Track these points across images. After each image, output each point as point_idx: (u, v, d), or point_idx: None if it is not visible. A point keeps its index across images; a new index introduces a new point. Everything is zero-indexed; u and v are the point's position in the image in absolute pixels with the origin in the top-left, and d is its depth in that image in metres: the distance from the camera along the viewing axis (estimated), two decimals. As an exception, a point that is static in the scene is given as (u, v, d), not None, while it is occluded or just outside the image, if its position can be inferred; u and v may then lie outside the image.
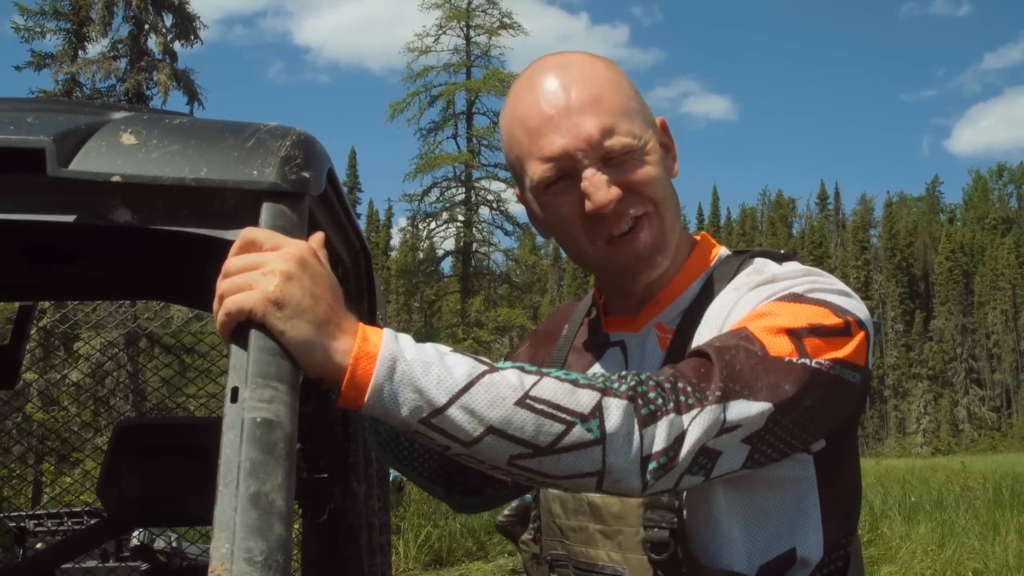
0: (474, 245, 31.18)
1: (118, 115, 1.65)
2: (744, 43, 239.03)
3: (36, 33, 21.33)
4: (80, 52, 21.55)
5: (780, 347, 1.55)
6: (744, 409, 1.49)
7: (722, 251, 1.90)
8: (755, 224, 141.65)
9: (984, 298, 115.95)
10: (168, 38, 21.93)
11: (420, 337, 2.04)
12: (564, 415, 1.40)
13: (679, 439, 1.44)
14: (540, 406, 1.40)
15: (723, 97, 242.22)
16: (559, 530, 1.88)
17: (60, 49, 21.41)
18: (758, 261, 1.81)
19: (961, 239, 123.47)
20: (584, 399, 1.42)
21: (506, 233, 32.01)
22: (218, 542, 1.17)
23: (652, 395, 1.45)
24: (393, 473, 2.97)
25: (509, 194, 31.48)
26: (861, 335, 1.63)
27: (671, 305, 1.83)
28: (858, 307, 1.67)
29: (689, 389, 1.47)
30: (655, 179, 1.73)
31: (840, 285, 1.69)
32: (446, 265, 34.24)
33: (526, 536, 2.04)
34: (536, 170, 1.72)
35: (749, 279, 1.74)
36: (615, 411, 1.42)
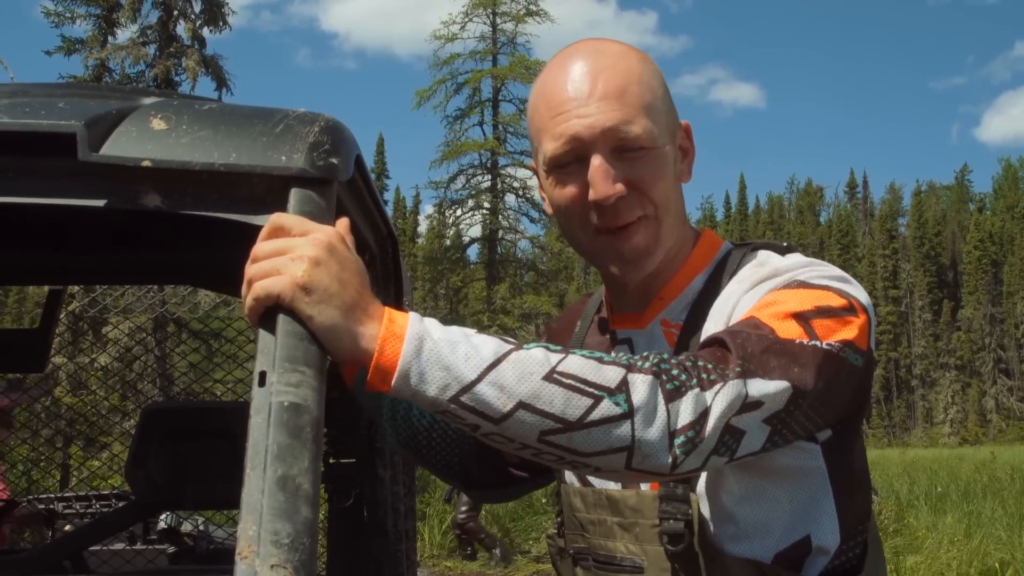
0: (500, 232, 31.12)
1: (148, 100, 1.66)
2: (772, 30, 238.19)
3: (66, 18, 21.39)
4: (110, 38, 21.61)
5: (789, 331, 1.57)
6: (762, 387, 1.50)
7: (725, 245, 1.90)
8: (783, 212, 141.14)
9: (1013, 287, 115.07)
10: (197, 24, 21.95)
11: (446, 323, 2.05)
12: (592, 389, 1.42)
13: (704, 414, 1.46)
14: (568, 380, 1.42)
15: (751, 85, 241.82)
16: (580, 524, 1.89)
17: (90, 35, 21.46)
18: (761, 253, 1.82)
19: (990, 228, 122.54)
20: (611, 374, 1.44)
21: (532, 220, 31.96)
22: (245, 524, 1.18)
23: (676, 372, 1.47)
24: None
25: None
26: (864, 317, 1.65)
27: (675, 300, 1.84)
28: (859, 292, 1.68)
29: (710, 367, 1.50)
30: (662, 181, 1.75)
31: (841, 272, 1.71)
32: (472, 252, 34.22)
33: (552, 531, 2.05)
34: (549, 147, 1.74)
35: (753, 272, 1.76)
36: (641, 385, 1.44)
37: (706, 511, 1.70)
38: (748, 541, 1.70)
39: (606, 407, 1.42)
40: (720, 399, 1.47)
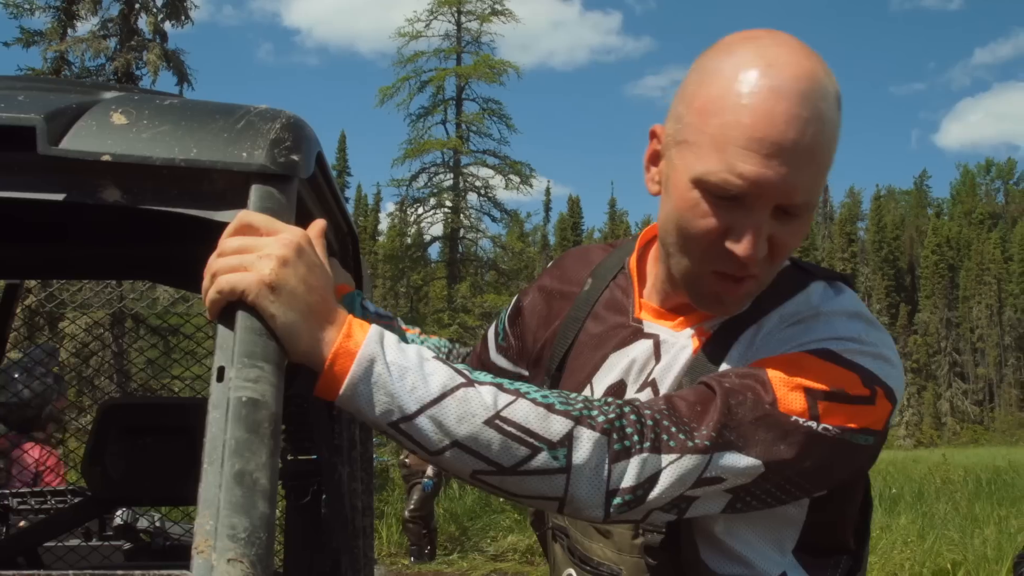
0: (461, 231, 31.04)
1: (109, 95, 1.65)
2: (733, 30, 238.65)
3: (25, 10, 21.21)
4: (69, 30, 21.45)
5: (792, 404, 1.48)
6: (732, 462, 1.46)
7: (784, 262, 1.71)
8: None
9: (969, 292, 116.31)
10: (159, 18, 21.82)
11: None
12: (532, 440, 1.40)
13: (652, 479, 1.44)
14: (509, 428, 1.40)
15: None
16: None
17: (49, 27, 21.29)
18: (814, 292, 1.67)
19: (948, 233, 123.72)
20: (556, 427, 1.42)
21: (494, 220, 31.86)
22: (202, 519, 1.18)
23: (629, 430, 1.44)
24: (378, 457, 2.98)
25: (497, 180, 31.32)
26: (885, 408, 1.54)
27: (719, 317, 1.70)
28: (891, 374, 1.56)
29: (674, 429, 1.45)
30: (795, 245, 1.59)
31: (882, 348, 1.57)
32: (433, 251, 34.08)
33: None
34: (716, 171, 1.51)
35: (793, 311, 1.63)
36: (586, 442, 1.42)
37: (688, 529, 1.65)
38: (732, 563, 1.67)
39: (543, 459, 1.41)
40: (674, 468, 1.44)
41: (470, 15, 31.52)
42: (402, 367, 1.40)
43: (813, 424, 1.48)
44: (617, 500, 1.43)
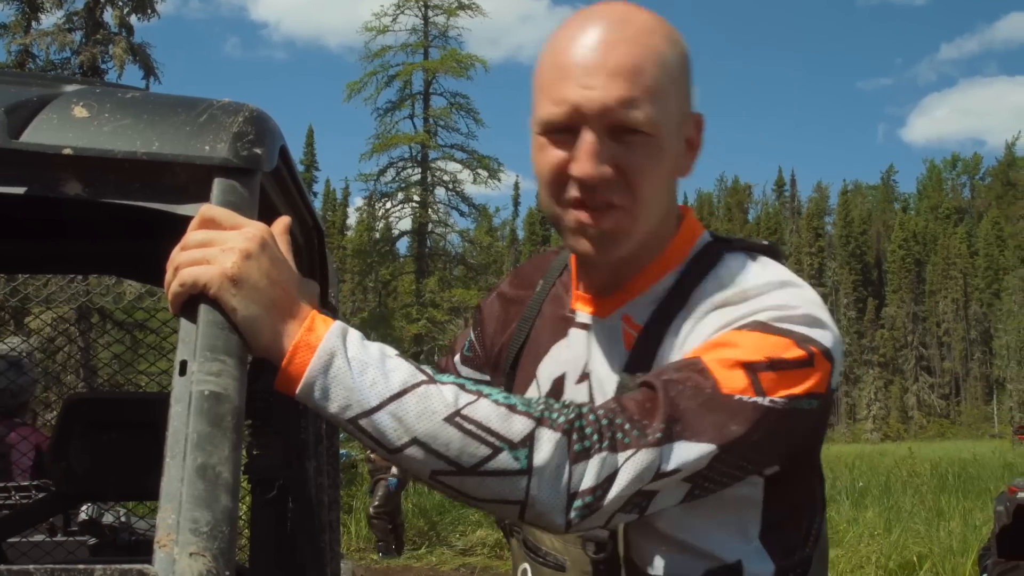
0: (430, 226, 31.06)
1: (70, 88, 1.64)
2: (702, 28, 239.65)
3: (-11, 3, 21.05)
4: (34, 23, 21.29)
5: (733, 383, 1.49)
6: (685, 452, 1.45)
7: (703, 237, 1.78)
8: (711, 210, 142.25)
9: (935, 287, 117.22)
10: (124, 11, 21.69)
11: (375, 317, 2.05)
12: (492, 439, 1.39)
13: (610, 478, 1.43)
14: (469, 426, 1.39)
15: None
16: None
17: (13, 20, 21.14)
18: (732, 260, 1.70)
19: (914, 228, 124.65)
20: (517, 426, 1.41)
21: (462, 214, 31.90)
22: (164, 513, 1.18)
23: (589, 431, 1.43)
24: (345, 451, 2.97)
25: (465, 175, 31.34)
26: (824, 367, 1.56)
27: (642, 295, 1.73)
28: (825, 335, 1.57)
29: (628, 427, 1.44)
30: (652, 173, 1.62)
31: (810, 308, 1.59)
32: (402, 245, 34.13)
33: None
34: (545, 109, 1.62)
35: (719, 290, 1.64)
36: (547, 443, 1.40)
37: (636, 525, 1.63)
38: (673, 559, 1.66)
39: (504, 460, 1.39)
40: (630, 466, 1.43)
41: (437, 9, 31.53)
42: (363, 362, 1.39)
43: (759, 399, 1.49)
44: (578, 503, 1.42)
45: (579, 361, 1.79)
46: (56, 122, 1.46)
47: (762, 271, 1.67)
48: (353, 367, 1.38)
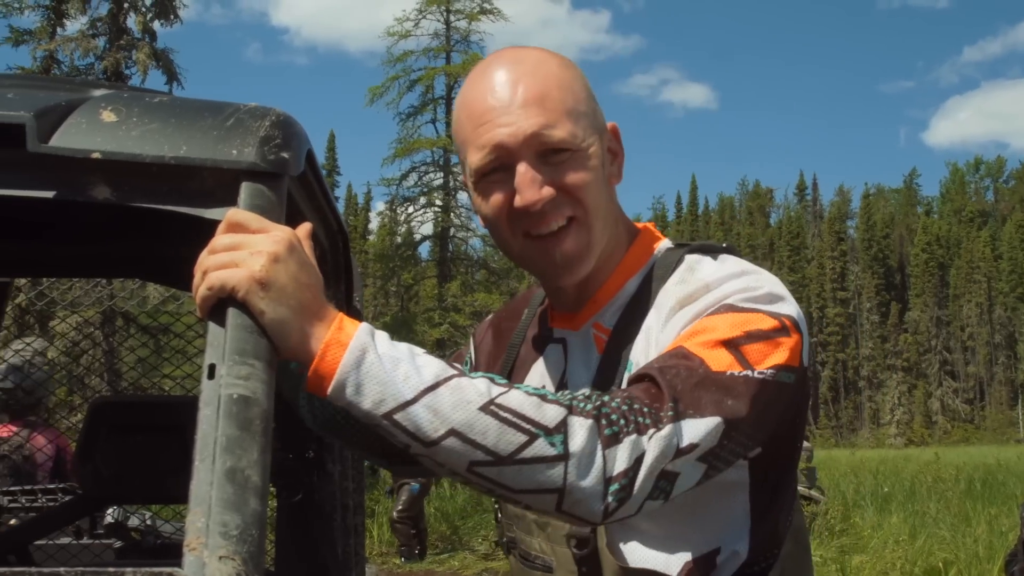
0: (452, 230, 31.03)
1: (98, 92, 1.65)
2: (724, 32, 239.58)
3: (14, 9, 21.12)
4: (59, 29, 21.38)
5: (720, 361, 1.55)
6: (694, 428, 1.49)
7: (663, 244, 1.89)
8: (733, 214, 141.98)
9: (959, 291, 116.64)
10: (148, 17, 21.74)
11: (397, 321, 2.06)
12: (528, 426, 1.41)
13: (638, 460, 1.45)
14: (505, 414, 1.41)
15: (703, 85, 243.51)
16: (510, 515, 1.93)
17: (39, 26, 21.22)
18: (692, 259, 1.80)
19: (937, 231, 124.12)
20: (551, 413, 1.42)
21: (484, 218, 31.93)
22: (194, 516, 1.19)
23: (614, 416, 1.46)
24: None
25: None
26: (796, 336, 1.64)
27: (608, 303, 1.83)
28: (790, 308, 1.67)
29: (645, 410, 1.48)
30: (590, 183, 1.73)
31: (772, 287, 1.68)
32: (424, 249, 34.06)
33: (500, 517, 2.07)
34: (474, 158, 1.73)
35: (682, 285, 1.73)
36: (580, 429, 1.42)
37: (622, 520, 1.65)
38: (651, 551, 1.72)
39: (541, 446, 1.40)
40: (654, 446, 1.46)
41: (459, 14, 31.49)
42: (394, 358, 1.40)
43: (748, 372, 1.56)
44: (614, 487, 1.44)
45: (557, 373, 1.87)
46: (85, 126, 1.46)
47: (721, 266, 1.75)
48: (385, 362, 1.39)
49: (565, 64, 1.80)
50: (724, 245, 1.84)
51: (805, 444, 15.16)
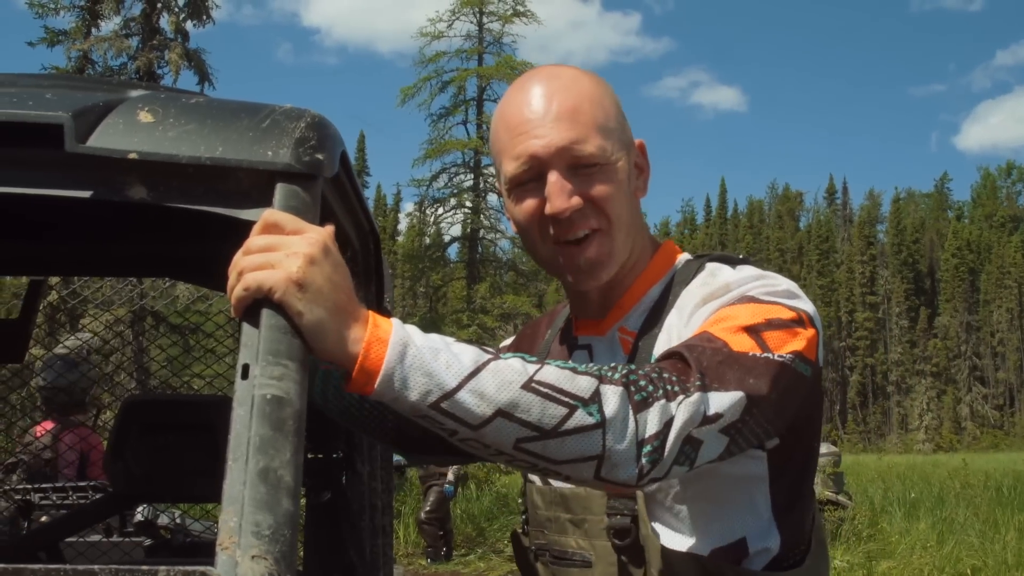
0: (481, 231, 31.05)
1: (135, 93, 1.67)
2: (755, 35, 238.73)
3: (50, 10, 21.29)
4: (93, 29, 21.52)
5: (742, 344, 1.62)
6: (720, 400, 1.55)
7: (682, 257, 1.97)
8: (762, 217, 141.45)
9: (990, 296, 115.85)
10: (180, 17, 21.86)
11: (425, 322, 2.07)
12: (567, 399, 1.45)
13: (668, 424, 1.50)
14: (544, 389, 1.45)
15: (733, 88, 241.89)
16: (540, 521, 1.98)
17: (73, 26, 21.37)
18: (712, 266, 1.88)
19: (968, 236, 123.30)
20: (584, 384, 1.48)
21: (513, 220, 31.89)
22: (226, 516, 1.20)
23: (643, 383, 1.51)
24: (395, 457, 3.00)
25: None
26: (812, 331, 1.72)
27: (633, 309, 1.91)
28: (807, 305, 1.75)
29: (674, 379, 1.54)
30: (615, 196, 1.82)
31: (789, 286, 1.77)
32: (452, 251, 34.08)
33: (518, 529, 2.11)
34: (509, 167, 1.83)
35: (704, 285, 1.82)
36: (612, 396, 1.48)
37: (650, 508, 1.79)
38: (688, 538, 1.78)
39: (580, 416, 1.45)
40: (683, 410, 1.52)
41: (492, 16, 31.51)
42: (434, 348, 1.43)
43: (769, 355, 1.63)
44: (647, 448, 1.49)
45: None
46: (122, 127, 1.48)
47: (741, 270, 1.83)
48: (426, 353, 1.42)
49: (597, 82, 1.90)
50: (741, 256, 1.92)
51: (832, 449, 15.14)
